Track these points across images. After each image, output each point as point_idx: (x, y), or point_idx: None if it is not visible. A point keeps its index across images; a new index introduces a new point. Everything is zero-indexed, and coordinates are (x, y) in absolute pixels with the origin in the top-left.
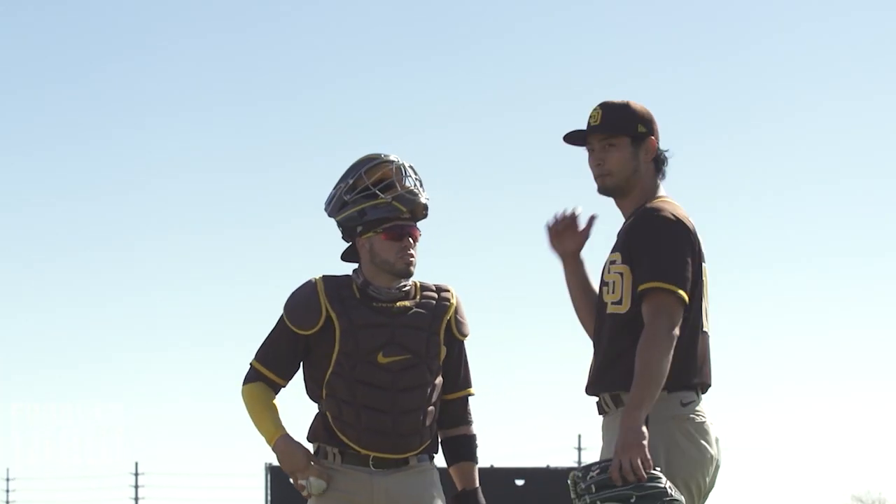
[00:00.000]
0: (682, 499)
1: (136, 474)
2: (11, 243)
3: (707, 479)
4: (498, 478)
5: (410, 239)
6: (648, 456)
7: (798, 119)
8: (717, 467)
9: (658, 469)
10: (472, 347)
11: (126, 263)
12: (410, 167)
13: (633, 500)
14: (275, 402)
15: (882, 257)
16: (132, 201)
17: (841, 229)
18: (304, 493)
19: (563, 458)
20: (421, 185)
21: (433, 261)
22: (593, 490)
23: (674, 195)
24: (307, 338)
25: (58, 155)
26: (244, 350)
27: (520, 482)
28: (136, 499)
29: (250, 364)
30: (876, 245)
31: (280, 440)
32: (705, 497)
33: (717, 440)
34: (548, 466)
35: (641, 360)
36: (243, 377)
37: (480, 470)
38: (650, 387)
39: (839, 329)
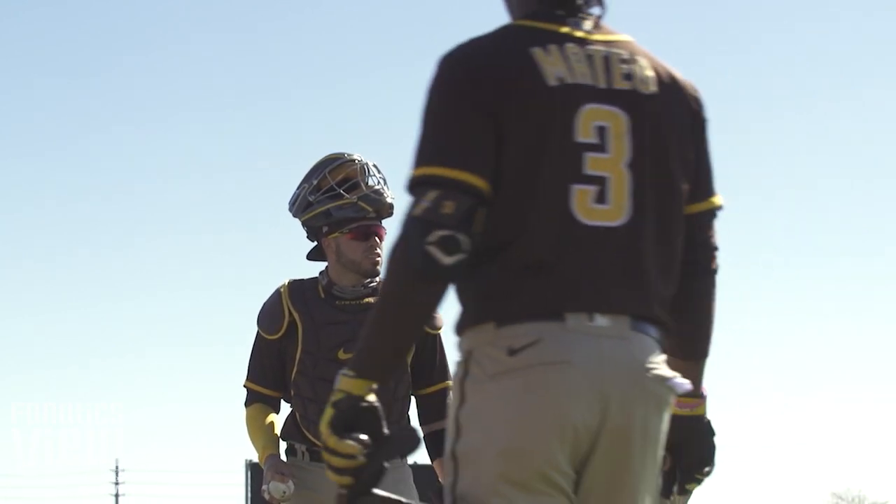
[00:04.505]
0: None
1: (117, 472)
2: (11, 243)
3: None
4: None
5: (377, 238)
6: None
7: (799, 119)
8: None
9: None
10: None
11: (129, 263)
12: (374, 166)
13: None
14: (271, 417)
15: (881, 256)
16: (129, 202)
17: (828, 231)
18: (267, 498)
19: None
20: (385, 184)
21: None
22: None
23: None
24: (278, 342)
25: (57, 156)
26: (225, 349)
27: None
28: (117, 496)
29: (244, 386)
30: (877, 244)
31: (265, 460)
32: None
33: None
34: None
35: None
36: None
37: None
38: None
39: (820, 327)
